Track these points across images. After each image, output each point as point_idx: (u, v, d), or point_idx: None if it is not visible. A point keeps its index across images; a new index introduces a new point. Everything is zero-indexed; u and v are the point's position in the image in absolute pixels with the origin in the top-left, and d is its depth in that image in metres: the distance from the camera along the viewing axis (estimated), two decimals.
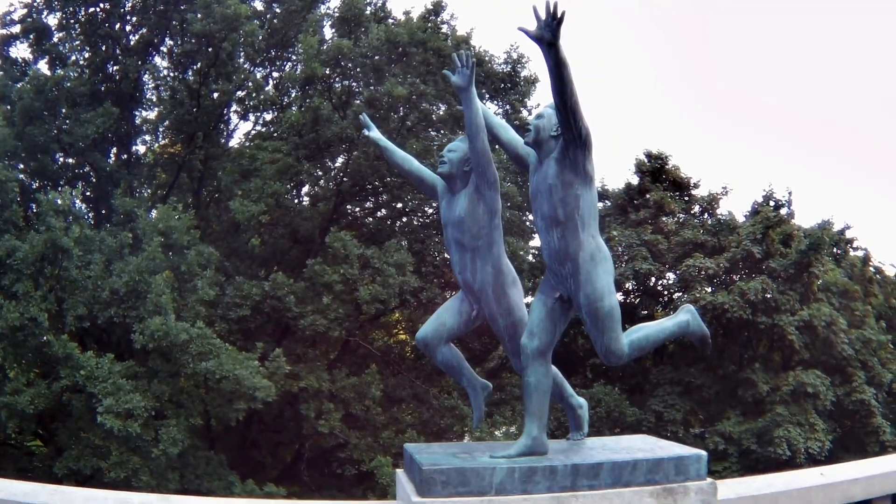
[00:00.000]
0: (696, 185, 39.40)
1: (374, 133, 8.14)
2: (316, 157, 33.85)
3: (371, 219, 37.42)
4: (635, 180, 39.04)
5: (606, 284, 6.43)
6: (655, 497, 6.31)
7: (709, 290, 34.36)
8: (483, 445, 7.14)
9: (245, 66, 35.07)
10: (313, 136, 32.17)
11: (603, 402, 32.14)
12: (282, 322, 31.58)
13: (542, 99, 37.43)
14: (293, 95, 36.35)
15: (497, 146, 7.56)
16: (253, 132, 37.82)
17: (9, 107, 30.25)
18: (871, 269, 41.07)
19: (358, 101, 32.56)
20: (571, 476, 6.21)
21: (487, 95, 33.42)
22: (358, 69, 32.67)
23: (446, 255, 31.73)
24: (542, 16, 5.82)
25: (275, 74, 37.54)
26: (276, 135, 34.97)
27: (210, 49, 32.67)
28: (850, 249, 41.57)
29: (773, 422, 31.19)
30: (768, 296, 32.79)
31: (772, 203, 37.06)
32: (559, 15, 5.76)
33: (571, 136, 6.18)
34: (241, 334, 30.62)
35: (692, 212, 38.97)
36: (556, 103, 6.11)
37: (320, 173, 35.26)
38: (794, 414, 31.49)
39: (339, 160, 35.30)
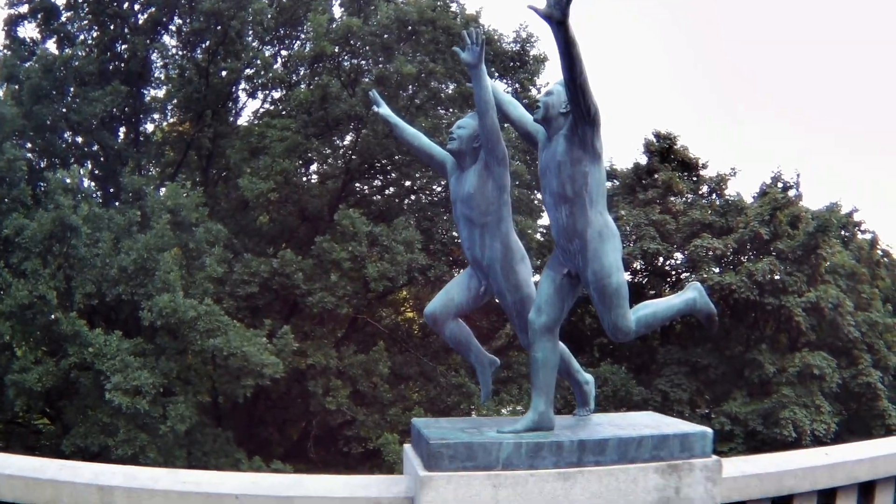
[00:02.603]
0: (704, 166, 39.41)
1: (384, 109, 8.13)
2: (325, 134, 33.94)
3: (379, 196, 37.51)
4: (644, 160, 39.04)
5: (614, 261, 6.42)
6: (660, 474, 6.31)
7: (716, 270, 34.36)
8: (491, 421, 7.14)
9: (254, 44, 35.05)
10: (322, 113, 32.26)
11: (610, 382, 32.20)
12: (290, 299, 31.72)
13: (551, 77, 37.43)
14: (301, 73, 36.39)
15: (506, 123, 7.57)
16: (261, 110, 37.90)
17: (17, 86, 30.38)
18: (879, 252, 41.09)
19: (367, 79, 32.63)
20: (577, 452, 6.21)
21: (497, 74, 33.40)
22: (367, 47, 32.70)
23: (454, 233, 31.87)
24: None
25: (283, 53, 37.59)
26: (284, 113, 34.99)
27: (219, 27, 32.68)
28: (858, 232, 41.55)
29: (780, 403, 31.26)
30: (776, 277, 32.86)
31: (780, 185, 36.97)
32: None
33: (580, 113, 6.17)
34: (249, 311, 30.76)
35: (700, 192, 38.98)
36: (566, 81, 6.08)
37: (329, 151, 35.34)
38: (801, 395, 31.54)
39: (348, 138, 35.38)
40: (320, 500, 5.90)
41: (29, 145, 30.87)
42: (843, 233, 39.32)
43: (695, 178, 39.11)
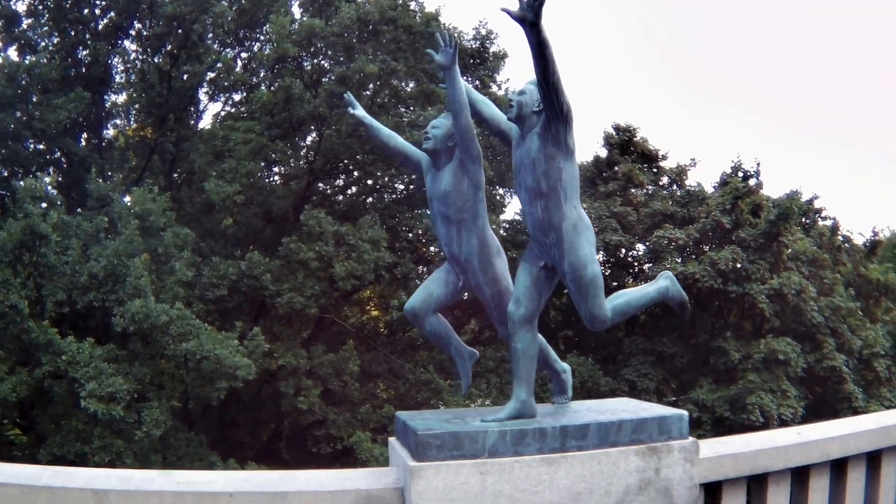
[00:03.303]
0: (664, 157, 39.63)
1: (360, 111, 8.24)
2: (288, 136, 33.99)
3: (343, 196, 37.53)
4: (604, 153, 39.24)
5: (589, 253, 6.57)
6: (640, 456, 6.48)
7: (679, 260, 34.60)
8: (472, 411, 7.29)
9: (215, 47, 35.07)
10: (285, 115, 32.32)
11: (576, 373, 32.26)
12: (258, 301, 31.77)
13: (511, 73, 37.77)
14: (262, 75, 36.42)
15: (476, 119, 7.70)
16: (223, 113, 37.92)
17: None
18: (840, 237, 41.26)
19: (328, 79, 32.70)
20: (560, 437, 6.37)
21: None
22: (328, 49, 32.78)
23: (419, 231, 31.94)
24: None
25: (244, 55, 37.60)
26: (247, 115, 35.01)
27: (180, 31, 32.72)
28: (819, 219, 41.69)
29: (746, 389, 31.46)
30: (738, 265, 33.07)
31: (740, 174, 37.18)
32: None
33: (553, 111, 6.31)
34: (219, 314, 30.81)
35: (661, 183, 39.17)
36: (539, 80, 6.21)
37: (292, 152, 35.34)
38: (766, 381, 31.74)
39: (310, 138, 35.41)
40: (313, 494, 6.05)
41: None
42: (804, 220, 39.53)
43: (655, 170, 39.35)
